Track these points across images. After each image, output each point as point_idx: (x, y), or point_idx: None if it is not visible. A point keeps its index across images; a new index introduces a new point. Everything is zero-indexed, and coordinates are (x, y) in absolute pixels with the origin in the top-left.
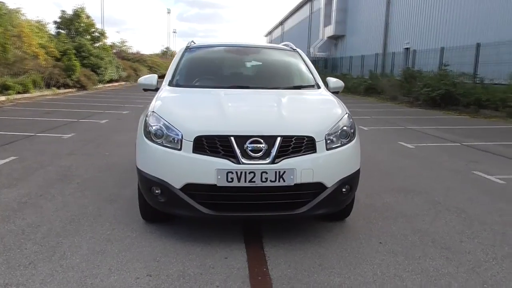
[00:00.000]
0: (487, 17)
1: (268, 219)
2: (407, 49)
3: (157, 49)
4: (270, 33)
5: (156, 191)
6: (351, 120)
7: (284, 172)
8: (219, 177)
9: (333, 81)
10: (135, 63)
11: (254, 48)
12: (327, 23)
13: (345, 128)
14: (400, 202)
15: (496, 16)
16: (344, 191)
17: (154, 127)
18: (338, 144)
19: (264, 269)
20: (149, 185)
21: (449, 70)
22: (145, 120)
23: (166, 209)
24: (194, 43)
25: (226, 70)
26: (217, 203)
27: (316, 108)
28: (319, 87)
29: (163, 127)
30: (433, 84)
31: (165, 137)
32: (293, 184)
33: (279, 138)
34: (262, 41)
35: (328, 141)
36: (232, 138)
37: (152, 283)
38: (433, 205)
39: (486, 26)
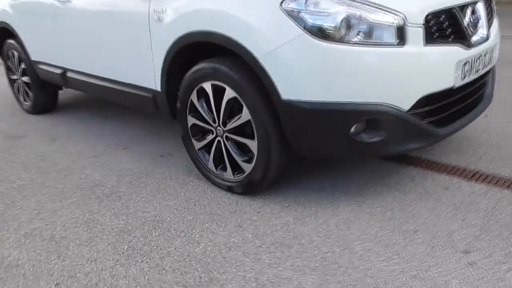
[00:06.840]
0: None
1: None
2: None
3: None
4: None
5: (354, 129)
6: None
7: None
8: (456, 74)
9: None
10: None
11: None
12: None
13: None
14: None
15: None
16: None
17: (334, 16)
18: None
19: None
20: (347, 123)
21: None
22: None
23: (381, 151)
24: None
25: None
26: (444, 117)
27: None
28: None
29: (359, 10)
30: None
31: (361, 29)
32: None
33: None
34: None
35: None
36: (456, 12)
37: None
38: None
39: None
